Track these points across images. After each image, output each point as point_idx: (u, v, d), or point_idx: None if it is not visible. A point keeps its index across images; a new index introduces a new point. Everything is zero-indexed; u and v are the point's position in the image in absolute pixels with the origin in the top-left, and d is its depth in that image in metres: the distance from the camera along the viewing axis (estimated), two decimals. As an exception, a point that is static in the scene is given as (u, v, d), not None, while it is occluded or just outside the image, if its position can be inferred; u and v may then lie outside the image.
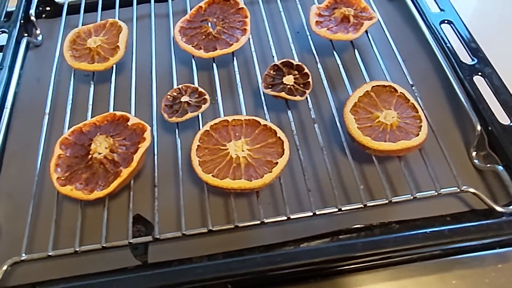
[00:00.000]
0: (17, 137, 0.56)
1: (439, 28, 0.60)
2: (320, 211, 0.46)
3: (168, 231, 0.46)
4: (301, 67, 0.55)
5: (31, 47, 0.67)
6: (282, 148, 0.48)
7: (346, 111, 0.51)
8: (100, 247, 0.44)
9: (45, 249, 0.44)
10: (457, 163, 0.51)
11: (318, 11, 0.62)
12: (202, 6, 0.63)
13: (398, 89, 0.53)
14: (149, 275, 0.41)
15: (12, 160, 0.54)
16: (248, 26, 0.60)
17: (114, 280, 0.41)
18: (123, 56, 0.58)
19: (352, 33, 0.59)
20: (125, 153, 0.48)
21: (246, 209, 0.48)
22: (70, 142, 0.49)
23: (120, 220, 0.47)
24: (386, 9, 0.69)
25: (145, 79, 0.58)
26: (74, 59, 0.57)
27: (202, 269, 0.41)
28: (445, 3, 0.63)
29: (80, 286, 0.41)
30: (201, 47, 0.58)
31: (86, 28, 0.61)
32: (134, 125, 0.50)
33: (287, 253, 0.43)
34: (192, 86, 0.54)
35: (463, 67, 0.56)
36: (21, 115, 0.58)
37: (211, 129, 0.50)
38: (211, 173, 0.47)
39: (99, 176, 0.47)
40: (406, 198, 0.47)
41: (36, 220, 0.48)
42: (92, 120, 0.51)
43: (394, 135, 0.49)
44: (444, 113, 0.56)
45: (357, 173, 0.49)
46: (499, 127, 0.50)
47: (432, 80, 0.59)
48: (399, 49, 0.61)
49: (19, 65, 0.61)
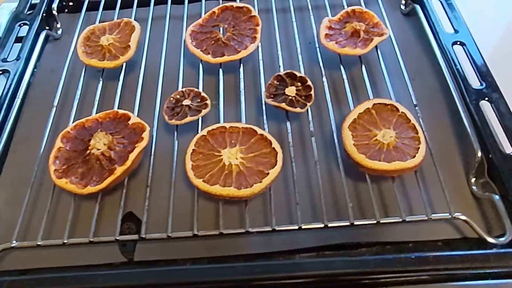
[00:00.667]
0: (26, 126, 0.58)
1: (451, 49, 0.59)
2: (306, 225, 0.46)
3: (156, 231, 0.47)
4: (304, 79, 0.55)
5: (51, 40, 0.69)
6: (275, 159, 0.49)
7: (344, 126, 0.51)
8: (87, 241, 0.46)
9: (36, 238, 0.46)
10: (454, 189, 0.51)
11: (329, 24, 0.62)
12: (216, 12, 0.64)
13: (400, 108, 0.52)
14: (130, 273, 0.42)
15: (18, 147, 0.56)
16: (258, 34, 0.61)
17: (96, 274, 0.42)
18: (133, 55, 0.59)
19: (361, 48, 0.58)
20: (122, 151, 0.49)
21: (235, 217, 0.49)
22: (71, 136, 0.51)
23: (113, 216, 0.48)
24: (400, 24, 0.68)
25: (152, 80, 0.59)
26: (86, 55, 0.59)
27: (182, 272, 0.42)
28: (460, 24, 0.62)
29: (62, 278, 0.42)
30: (210, 52, 0.59)
31: (102, 26, 0.63)
32: (134, 125, 0.52)
33: (267, 264, 0.43)
34: (195, 90, 0.55)
35: (470, 90, 0.55)
36: (33, 104, 0.60)
37: (208, 134, 0.51)
38: (202, 178, 0.47)
39: (94, 172, 0.48)
40: (395, 220, 0.46)
41: (32, 209, 0.50)
42: (95, 116, 0.53)
43: (389, 155, 0.49)
44: (446, 136, 0.55)
45: (349, 190, 0.48)
46: (500, 156, 0.49)
47: (438, 101, 0.58)
48: (409, 67, 0.61)
49: (36, 57, 0.64)
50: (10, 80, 0.59)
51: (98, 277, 0.42)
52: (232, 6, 0.63)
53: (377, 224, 0.46)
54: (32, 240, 0.46)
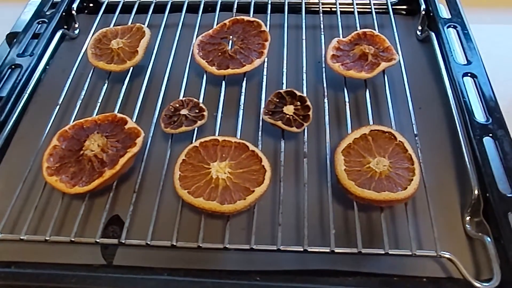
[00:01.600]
0: (30, 121, 0.60)
1: (461, 80, 0.58)
2: (285, 247, 0.45)
3: (137, 238, 0.47)
4: (304, 99, 0.55)
5: (67, 39, 0.71)
6: (263, 177, 0.48)
7: (338, 151, 0.50)
8: (68, 240, 0.46)
9: (21, 232, 0.47)
10: (447, 225, 0.49)
11: (338, 44, 0.61)
12: (227, 24, 0.64)
13: (398, 137, 0.51)
14: (101, 277, 0.42)
15: (19, 142, 0.58)
16: (265, 50, 0.61)
17: (70, 275, 0.42)
18: (140, 61, 0.60)
19: (366, 72, 0.57)
20: (114, 155, 0.50)
21: (217, 231, 0.48)
22: (68, 135, 0.52)
23: (99, 218, 0.49)
24: (415, 50, 0.67)
25: (156, 86, 0.60)
26: (95, 57, 0.61)
27: (154, 282, 0.42)
28: (473, 55, 0.60)
29: (37, 274, 0.43)
30: (215, 63, 0.60)
31: (114, 29, 0.64)
32: (130, 129, 0.52)
33: (236, 283, 0.42)
34: (194, 100, 0.56)
35: (475, 125, 0.53)
36: (39, 101, 0.62)
37: (200, 145, 0.51)
38: (188, 190, 0.47)
39: (85, 173, 0.49)
40: (377, 252, 0.45)
41: (23, 203, 0.51)
42: (94, 118, 0.54)
43: (380, 184, 0.47)
44: (445, 170, 0.53)
45: (335, 217, 0.48)
46: (497, 196, 0.47)
47: (442, 132, 0.57)
48: (417, 95, 0.60)
49: (50, 54, 0.65)
50: (21, 75, 0.61)
51: (71, 278, 0.42)
52: (243, 20, 0.64)
53: (359, 254, 0.45)
54: (17, 234, 0.47)
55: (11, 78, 0.61)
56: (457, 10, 0.67)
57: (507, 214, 0.46)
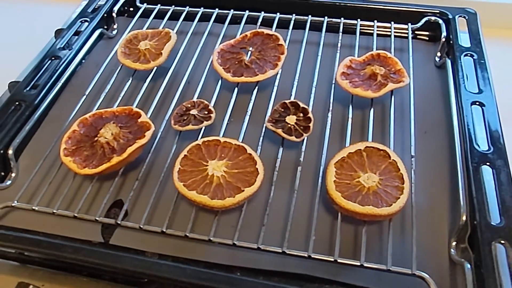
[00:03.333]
0: (60, 107, 0.66)
1: (468, 108, 0.58)
2: (265, 247, 0.48)
3: (134, 221, 0.51)
4: (306, 111, 0.57)
5: (105, 38, 0.77)
6: (255, 179, 0.51)
7: (331, 163, 0.52)
8: (72, 215, 0.51)
9: (34, 204, 0.52)
10: (432, 247, 0.50)
11: (349, 63, 0.63)
12: (248, 35, 0.68)
13: (392, 156, 0.52)
14: (94, 251, 0.46)
15: (48, 124, 0.64)
16: (280, 62, 0.64)
17: (67, 245, 0.47)
18: (163, 62, 0.65)
19: (373, 91, 0.59)
20: (125, 144, 0.55)
21: (208, 225, 0.51)
22: (88, 123, 0.57)
23: (104, 200, 0.54)
24: (431, 76, 0.68)
25: (174, 87, 0.65)
26: (123, 56, 0.66)
27: (137, 262, 0.46)
28: (486, 85, 0.61)
29: (38, 240, 0.48)
30: (231, 71, 0.63)
31: (145, 32, 0.70)
32: (142, 123, 0.57)
33: (211, 273, 0.45)
34: (205, 102, 0.60)
35: (475, 152, 0.53)
36: (71, 90, 0.68)
37: (203, 144, 0.54)
38: (183, 182, 0.51)
39: (96, 157, 0.54)
40: (353, 263, 0.46)
41: (41, 178, 0.57)
42: (113, 109, 0.59)
43: (366, 199, 0.49)
44: (439, 194, 0.54)
45: (319, 225, 0.50)
46: (484, 224, 0.47)
47: (441, 157, 0.57)
48: (424, 119, 0.61)
49: (86, 50, 0.72)
50: (58, 66, 0.67)
51: (68, 248, 0.47)
52: (263, 32, 0.67)
53: (334, 262, 0.46)
54: (30, 204, 0.52)
55: (50, 68, 0.68)
56: (477, 39, 0.67)
57: (491, 243, 0.46)
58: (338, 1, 0.75)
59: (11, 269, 0.52)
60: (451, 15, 0.71)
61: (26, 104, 0.62)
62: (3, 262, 0.53)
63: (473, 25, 0.70)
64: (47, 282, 0.51)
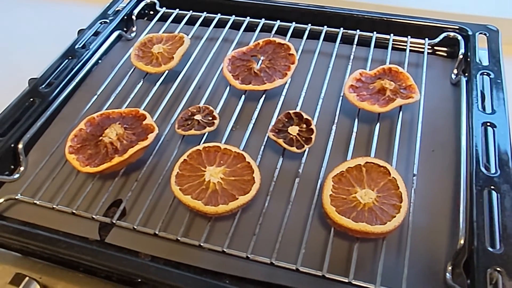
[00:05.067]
0: (73, 105, 0.68)
1: (478, 129, 0.56)
2: (254, 257, 0.47)
3: (131, 222, 0.52)
4: (309, 122, 0.57)
5: (123, 40, 0.79)
6: (251, 188, 0.51)
7: (329, 176, 0.51)
8: (70, 212, 0.52)
9: (35, 197, 0.54)
10: (428, 269, 0.48)
11: (359, 76, 0.62)
12: (260, 43, 0.68)
13: (392, 173, 0.51)
14: (87, 248, 0.47)
15: (60, 121, 0.66)
16: (290, 72, 0.63)
17: (61, 240, 0.48)
18: (174, 66, 0.66)
19: (380, 106, 0.58)
20: (127, 145, 0.56)
21: (201, 230, 0.51)
22: (95, 122, 0.59)
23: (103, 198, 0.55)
24: (444, 93, 0.66)
25: (183, 91, 0.66)
26: (136, 58, 0.67)
27: (125, 262, 0.46)
28: (500, 105, 0.58)
29: (35, 234, 0.49)
30: (239, 78, 0.64)
31: (160, 36, 0.71)
32: (146, 125, 0.58)
33: (197, 279, 0.45)
34: (210, 108, 0.60)
35: (480, 175, 0.51)
36: (85, 89, 0.70)
37: (203, 149, 0.55)
38: (180, 186, 0.51)
39: (98, 156, 0.55)
40: (340, 279, 0.45)
41: (47, 173, 0.58)
42: (121, 110, 0.60)
43: (360, 215, 0.48)
44: (440, 215, 0.52)
45: (310, 238, 0.49)
46: (481, 250, 0.46)
47: (446, 177, 0.55)
48: (433, 137, 0.60)
49: (103, 51, 0.74)
50: (74, 65, 0.69)
51: (62, 243, 0.48)
52: (275, 41, 0.67)
53: (322, 277, 0.46)
54: (32, 198, 0.54)
55: (67, 67, 0.70)
56: (496, 58, 0.65)
57: (486, 270, 0.44)
58: (355, 12, 0.75)
59: (12, 260, 0.54)
60: (471, 32, 0.69)
61: (40, 100, 0.64)
62: (6, 253, 0.54)
63: (493, 43, 0.67)
64: (44, 275, 0.52)
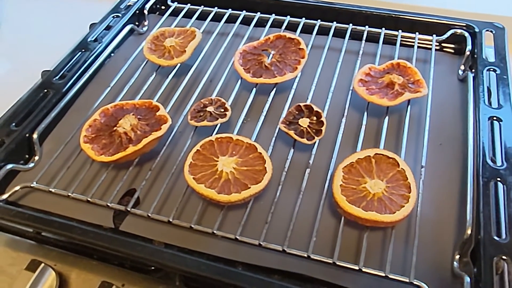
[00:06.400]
0: (86, 97, 0.69)
1: (485, 122, 0.57)
2: (266, 244, 0.49)
3: (144, 210, 0.53)
4: (320, 114, 0.58)
5: (135, 34, 0.80)
6: (263, 177, 0.52)
7: (339, 167, 0.53)
8: (85, 199, 0.54)
9: (51, 185, 0.55)
10: (435, 258, 0.50)
11: (368, 70, 0.63)
12: (270, 38, 0.69)
13: (401, 164, 0.52)
14: (101, 235, 0.48)
15: (73, 112, 0.67)
16: (300, 66, 0.65)
17: (76, 227, 0.49)
18: (186, 59, 0.67)
19: (388, 99, 0.59)
20: (141, 135, 0.57)
21: (214, 218, 0.53)
22: (109, 113, 0.60)
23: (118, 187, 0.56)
24: (451, 88, 0.67)
25: (195, 84, 0.67)
26: (149, 51, 0.69)
27: (140, 248, 0.47)
28: (506, 101, 0.60)
29: (50, 221, 0.50)
30: (250, 71, 0.65)
31: (172, 30, 0.72)
32: (160, 116, 0.59)
33: (210, 265, 0.46)
34: (222, 100, 0.61)
35: (486, 167, 0.53)
36: (98, 81, 0.71)
37: (216, 140, 0.56)
38: (193, 176, 0.52)
39: (113, 146, 0.56)
40: (351, 266, 0.47)
41: (62, 163, 0.60)
42: (135, 102, 0.61)
43: (370, 204, 0.49)
44: (448, 206, 0.53)
45: (321, 227, 0.50)
46: (488, 239, 0.47)
47: (454, 170, 0.57)
48: (441, 130, 0.61)
49: (116, 44, 0.75)
50: (87, 58, 0.71)
51: (78, 229, 0.49)
52: (285, 36, 0.68)
53: (333, 264, 0.47)
54: (47, 186, 0.55)
55: (80, 59, 0.71)
56: (502, 55, 0.66)
57: (492, 258, 0.45)
58: (364, 9, 0.76)
59: (28, 247, 0.55)
60: (477, 29, 0.70)
61: (54, 92, 0.65)
62: (22, 241, 0.56)
63: (499, 40, 0.69)
64: (58, 262, 0.53)
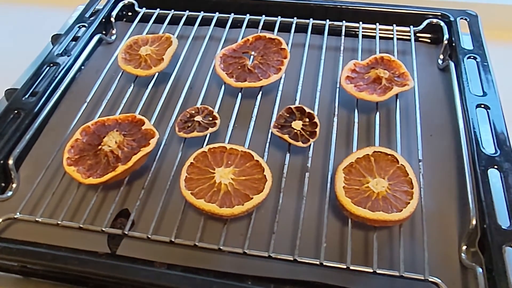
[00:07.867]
0: (61, 115, 0.65)
1: (473, 111, 0.58)
2: (276, 255, 0.47)
3: (141, 231, 0.50)
4: (312, 116, 0.57)
5: (104, 43, 0.76)
6: (264, 186, 0.50)
7: (339, 168, 0.52)
8: (77, 226, 0.50)
9: (37, 215, 0.51)
10: (443, 252, 0.49)
11: (354, 67, 0.63)
12: (250, 39, 0.67)
13: (400, 160, 0.52)
14: (100, 263, 0.45)
15: (49, 133, 0.63)
16: (283, 67, 0.63)
17: (73, 257, 0.46)
18: (165, 68, 0.64)
19: (378, 95, 0.59)
20: (129, 152, 0.54)
21: (217, 234, 0.51)
22: (90, 131, 0.56)
23: (110, 209, 0.52)
24: (433, 78, 0.67)
25: (177, 93, 0.64)
26: (124, 61, 0.65)
27: (145, 272, 0.45)
28: (490, 87, 0.61)
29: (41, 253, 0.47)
30: (234, 76, 0.63)
31: (145, 37, 0.69)
32: (146, 130, 0.56)
33: (221, 283, 0.44)
34: (209, 108, 0.59)
35: (482, 156, 0.53)
36: (71, 97, 0.67)
37: (209, 151, 0.54)
38: (191, 191, 0.50)
39: (100, 166, 0.53)
40: (365, 269, 0.46)
41: (43, 188, 0.55)
42: (116, 117, 0.58)
43: (376, 204, 0.48)
44: (448, 198, 0.54)
45: (329, 232, 0.49)
46: (494, 228, 0.47)
47: (448, 161, 0.57)
48: (430, 122, 0.61)
49: (86, 56, 0.71)
50: (57, 73, 0.66)
51: (74, 260, 0.46)
52: (265, 37, 0.67)
53: (347, 269, 0.46)
54: (33, 216, 0.51)
55: (48, 75, 0.67)
56: (479, 42, 0.67)
57: (502, 246, 0.46)
58: (339, 4, 0.75)
59: (14, 282, 0.51)
60: (452, 18, 0.71)
61: (26, 112, 0.61)
62: (6, 276, 0.51)
63: (474, 27, 0.70)
64: (51, 295, 0.50)
